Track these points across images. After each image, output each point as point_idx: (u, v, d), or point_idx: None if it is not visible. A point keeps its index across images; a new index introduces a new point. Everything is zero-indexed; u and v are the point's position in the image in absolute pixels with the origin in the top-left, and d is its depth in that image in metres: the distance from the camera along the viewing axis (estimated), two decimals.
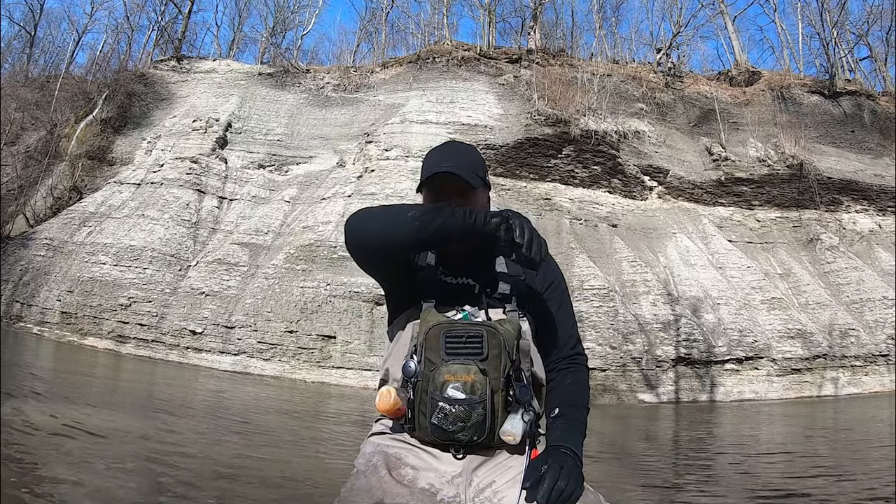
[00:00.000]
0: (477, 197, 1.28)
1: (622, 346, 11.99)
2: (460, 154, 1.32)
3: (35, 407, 4.63)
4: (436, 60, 18.25)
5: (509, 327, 1.15)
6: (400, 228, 1.14)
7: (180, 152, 15.99)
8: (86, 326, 12.42)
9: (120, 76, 19.17)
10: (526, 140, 15.63)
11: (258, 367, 11.66)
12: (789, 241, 16.17)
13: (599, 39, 24.46)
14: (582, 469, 1.08)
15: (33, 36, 28.91)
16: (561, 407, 1.19)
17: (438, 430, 1.09)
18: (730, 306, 13.30)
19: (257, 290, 12.55)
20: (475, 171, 1.28)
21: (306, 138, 17.21)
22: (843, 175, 17.16)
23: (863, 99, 18.95)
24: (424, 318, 1.18)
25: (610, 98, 17.01)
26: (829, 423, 9.51)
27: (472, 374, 1.07)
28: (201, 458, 3.81)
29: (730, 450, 6.65)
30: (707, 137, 17.85)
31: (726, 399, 11.99)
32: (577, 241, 14.02)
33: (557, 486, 0.99)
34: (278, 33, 25.41)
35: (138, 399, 6.82)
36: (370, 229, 1.19)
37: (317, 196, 15.08)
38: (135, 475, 3.12)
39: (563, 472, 1.01)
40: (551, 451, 1.08)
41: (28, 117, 19.36)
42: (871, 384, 12.96)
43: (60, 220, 14.78)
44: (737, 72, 20.70)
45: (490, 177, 1.40)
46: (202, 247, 14.04)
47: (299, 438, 5.37)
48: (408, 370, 1.14)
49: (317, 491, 3.24)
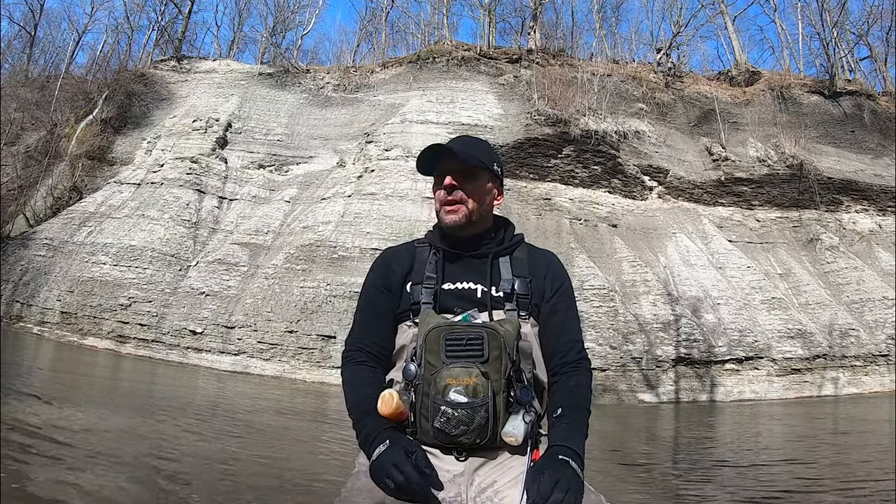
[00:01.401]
0: (476, 177, 1.29)
1: (622, 346, 11.98)
2: (464, 140, 1.35)
3: (35, 407, 4.62)
4: (436, 60, 18.25)
5: (509, 328, 1.14)
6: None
7: (180, 152, 15.98)
8: (86, 326, 12.42)
9: (120, 76, 19.17)
10: (526, 140, 15.63)
11: (258, 367, 11.66)
12: (789, 241, 16.17)
13: (599, 39, 24.48)
14: (583, 470, 1.07)
15: (33, 36, 28.88)
16: (564, 408, 1.19)
17: (441, 434, 1.08)
18: (730, 306, 13.30)
19: (257, 290, 12.55)
20: (476, 155, 1.29)
21: (306, 138, 17.21)
22: (843, 175, 17.15)
23: (863, 99, 18.95)
24: (424, 320, 1.18)
25: (610, 98, 17.01)
26: (828, 423, 9.51)
27: (474, 377, 1.06)
28: (200, 458, 3.81)
29: (730, 450, 6.64)
30: (707, 137, 17.85)
31: (726, 399, 11.99)
32: (577, 241, 14.02)
33: (553, 498, 0.97)
34: (278, 33, 25.43)
35: (138, 399, 6.81)
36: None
37: (317, 196, 15.08)
38: (134, 475, 3.12)
39: (560, 486, 0.99)
40: (550, 461, 1.06)
41: (28, 117, 19.34)
42: (871, 384, 12.95)
43: (60, 220, 14.77)
44: (737, 72, 20.70)
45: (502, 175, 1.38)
46: (202, 247, 14.04)
47: (299, 438, 5.36)
48: (408, 373, 1.14)
49: (317, 491, 3.24)
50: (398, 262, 1.33)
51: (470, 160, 1.28)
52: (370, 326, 1.30)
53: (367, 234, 13.26)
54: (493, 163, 1.32)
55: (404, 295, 1.28)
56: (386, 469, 1.02)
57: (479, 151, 1.31)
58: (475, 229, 1.31)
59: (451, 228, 1.29)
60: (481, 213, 1.30)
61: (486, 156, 1.31)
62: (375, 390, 1.17)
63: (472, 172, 1.28)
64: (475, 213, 1.28)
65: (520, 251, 1.32)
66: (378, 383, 1.23)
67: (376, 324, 1.29)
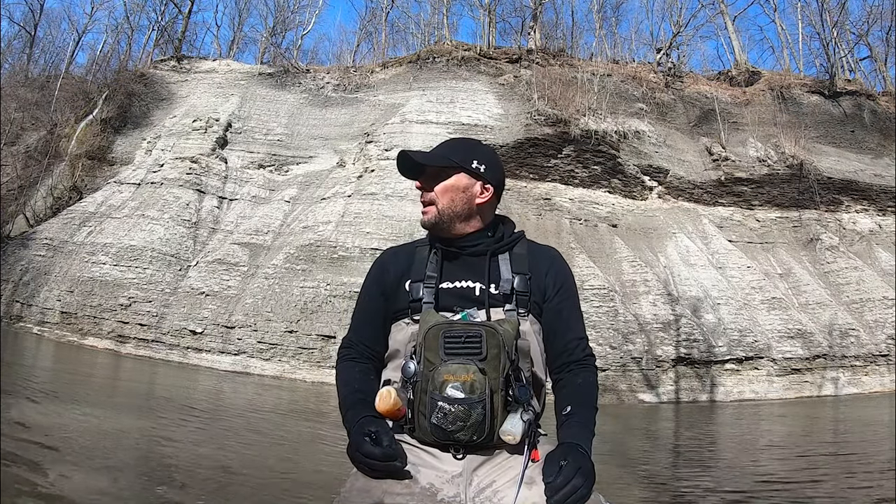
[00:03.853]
0: (443, 178, 1.29)
1: (622, 346, 11.98)
2: (443, 143, 1.37)
3: (35, 406, 4.63)
4: (436, 60, 18.25)
5: (508, 327, 1.14)
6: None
7: (180, 152, 15.99)
8: (86, 326, 12.42)
9: (120, 76, 19.17)
10: (526, 140, 15.63)
11: (258, 367, 11.66)
12: (789, 241, 16.17)
13: (599, 39, 24.48)
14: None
15: (33, 36, 28.90)
16: (573, 406, 1.19)
17: (438, 430, 1.08)
18: (730, 306, 13.30)
19: (257, 290, 12.55)
20: (447, 155, 1.30)
21: (306, 138, 17.21)
22: (843, 175, 17.15)
23: (863, 99, 18.95)
24: (424, 318, 1.18)
25: (610, 98, 17.01)
26: (828, 423, 9.51)
27: (471, 374, 1.06)
28: (200, 458, 3.81)
29: (730, 450, 6.65)
30: (707, 137, 17.85)
31: (726, 399, 11.99)
32: (577, 241, 14.01)
33: (574, 482, 1.00)
34: (278, 33, 25.43)
35: (138, 399, 6.82)
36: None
37: (317, 196, 15.08)
38: (134, 474, 3.12)
39: (581, 472, 1.02)
40: (570, 449, 1.08)
41: (28, 117, 19.35)
42: (871, 384, 12.95)
43: (60, 220, 14.78)
44: (737, 72, 20.71)
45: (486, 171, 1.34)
46: (202, 247, 14.04)
47: (299, 438, 5.36)
48: (407, 371, 1.14)
49: (316, 491, 3.24)
50: (395, 262, 1.35)
51: (433, 161, 1.30)
52: (362, 328, 1.35)
53: (367, 234, 13.26)
54: (471, 160, 1.30)
55: (402, 293, 1.28)
56: (352, 452, 1.10)
57: (450, 151, 1.31)
58: (459, 228, 1.30)
59: (425, 227, 1.33)
60: (455, 211, 1.29)
61: (461, 154, 1.30)
62: (363, 385, 1.24)
63: (437, 173, 1.30)
64: (446, 213, 1.28)
65: (519, 248, 1.32)
66: (367, 379, 1.28)
67: (368, 326, 1.34)
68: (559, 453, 1.07)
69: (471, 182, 1.30)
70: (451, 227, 1.30)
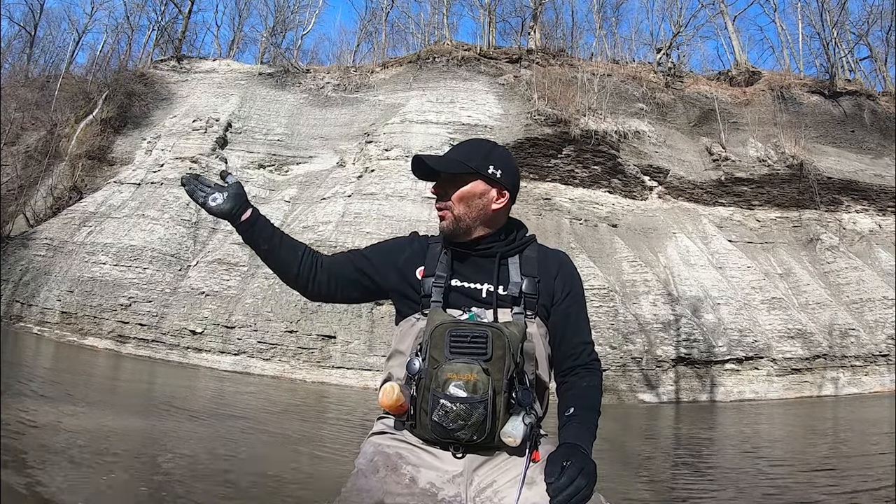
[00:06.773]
0: (459, 184, 1.28)
1: (622, 346, 11.99)
2: (458, 146, 1.36)
3: (35, 407, 4.63)
4: (436, 60, 18.25)
5: (514, 329, 1.15)
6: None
7: (180, 152, 15.98)
8: (86, 326, 12.42)
9: (120, 76, 19.15)
10: (526, 140, 15.63)
11: (258, 367, 11.66)
12: (789, 241, 16.17)
13: (599, 39, 24.47)
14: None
15: (33, 36, 28.92)
16: (576, 407, 1.21)
17: (439, 428, 1.09)
18: (730, 306, 13.30)
19: (257, 289, 12.55)
20: (464, 161, 1.28)
21: (306, 138, 17.21)
22: (843, 175, 17.15)
23: (863, 99, 18.94)
24: (431, 317, 1.19)
25: (610, 98, 17.00)
26: (828, 423, 9.51)
27: (475, 374, 1.07)
28: (200, 458, 3.81)
29: (730, 450, 6.65)
30: (707, 137, 17.84)
31: (726, 399, 11.99)
32: (577, 241, 14.02)
33: (577, 482, 1.01)
34: (278, 33, 25.40)
35: (138, 399, 6.82)
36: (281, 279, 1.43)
37: (317, 196, 15.08)
38: (134, 475, 3.12)
39: (584, 473, 1.03)
40: (573, 450, 1.09)
41: (28, 117, 19.35)
42: (871, 384, 12.96)
43: (60, 220, 14.78)
44: (737, 72, 20.69)
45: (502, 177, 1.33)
46: (202, 247, 14.04)
47: (299, 438, 5.36)
48: (412, 367, 1.15)
49: (317, 491, 3.24)
50: (414, 248, 1.37)
51: (450, 168, 1.28)
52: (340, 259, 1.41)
53: (367, 234, 13.26)
54: (488, 166, 1.28)
55: (412, 280, 1.30)
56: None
57: (467, 157, 1.29)
58: (474, 233, 1.30)
59: (442, 233, 1.32)
60: (471, 217, 1.28)
61: (477, 160, 1.28)
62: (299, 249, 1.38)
63: (454, 179, 1.28)
64: (462, 219, 1.27)
65: (530, 251, 1.32)
66: (306, 255, 1.38)
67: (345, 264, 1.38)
68: (561, 454, 1.08)
69: (487, 188, 1.29)
70: (472, 232, 1.30)
